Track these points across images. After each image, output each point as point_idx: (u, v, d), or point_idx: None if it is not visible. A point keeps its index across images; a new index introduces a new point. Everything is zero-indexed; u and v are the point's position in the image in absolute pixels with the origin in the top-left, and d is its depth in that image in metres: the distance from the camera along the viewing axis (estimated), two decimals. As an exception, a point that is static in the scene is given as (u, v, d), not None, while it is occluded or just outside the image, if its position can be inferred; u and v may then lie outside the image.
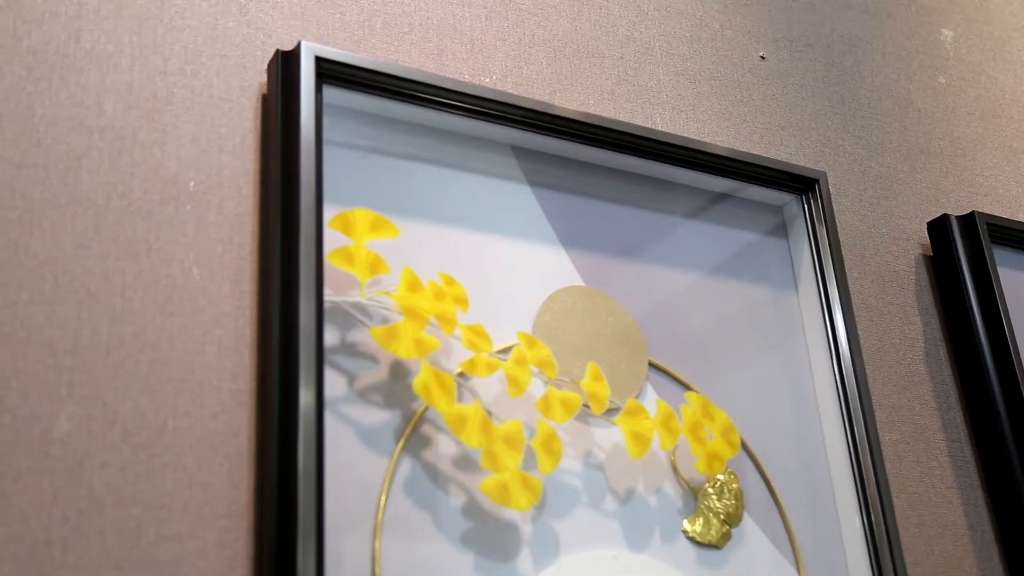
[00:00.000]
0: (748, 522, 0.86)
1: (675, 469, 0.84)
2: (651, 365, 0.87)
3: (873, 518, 0.89)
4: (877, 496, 0.89)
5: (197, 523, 0.65)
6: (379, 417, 0.74)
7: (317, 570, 0.64)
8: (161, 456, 0.65)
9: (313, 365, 0.69)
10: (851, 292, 1.01)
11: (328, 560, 0.67)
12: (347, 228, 0.76)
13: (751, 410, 0.90)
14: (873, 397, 0.98)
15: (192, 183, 0.73)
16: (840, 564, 0.88)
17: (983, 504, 1.00)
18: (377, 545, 0.70)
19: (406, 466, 0.74)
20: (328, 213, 0.75)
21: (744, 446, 0.89)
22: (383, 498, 0.72)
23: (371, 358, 0.75)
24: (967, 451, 1.01)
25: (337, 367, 0.74)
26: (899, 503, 0.95)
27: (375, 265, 0.76)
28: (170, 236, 0.71)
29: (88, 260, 0.68)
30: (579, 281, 0.87)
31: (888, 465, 0.95)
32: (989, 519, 0.99)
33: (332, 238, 0.75)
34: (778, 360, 0.94)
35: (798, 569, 0.86)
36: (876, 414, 0.97)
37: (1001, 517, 0.98)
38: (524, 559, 0.75)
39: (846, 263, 1.03)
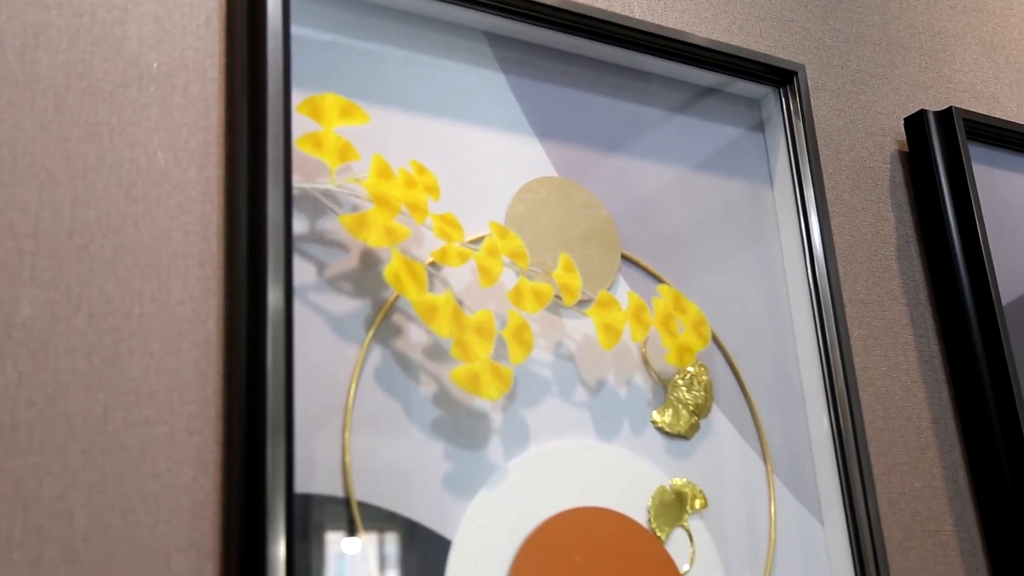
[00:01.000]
0: (717, 413, 0.87)
1: (645, 361, 0.85)
2: (624, 258, 0.87)
3: (840, 411, 0.90)
4: (844, 390, 0.90)
5: (165, 409, 0.65)
6: (349, 306, 0.73)
7: (287, 459, 0.64)
8: (127, 342, 0.65)
9: (282, 252, 0.68)
10: (826, 187, 1.00)
11: (298, 450, 0.67)
12: (316, 113, 0.74)
13: (723, 304, 0.90)
14: (844, 292, 0.98)
15: (155, 64, 0.71)
16: (806, 455, 0.89)
17: (947, 398, 1.01)
18: (347, 436, 0.70)
19: (376, 355, 0.73)
20: (296, 99, 0.73)
21: (715, 339, 0.89)
22: (353, 387, 0.72)
23: (341, 246, 0.74)
24: (934, 346, 1.02)
25: (306, 255, 0.73)
26: (865, 396, 0.96)
27: (345, 151, 0.74)
28: (133, 119, 0.69)
29: (48, 142, 0.66)
30: (553, 172, 0.86)
31: (856, 359, 0.96)
32: (952, 412, 1.01)
33: (301, 124, 0.73)
34: (751, 255, 0.94)
35: (765, 460, 0.87)
36: (846, 309, 0.97)
37: (964, 411, 1.00)
38: (494, 448, 0.76)
39: (822, 158, 1.02)
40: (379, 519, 0.70)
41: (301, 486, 0.67)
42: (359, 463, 0.70)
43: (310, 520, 0.67)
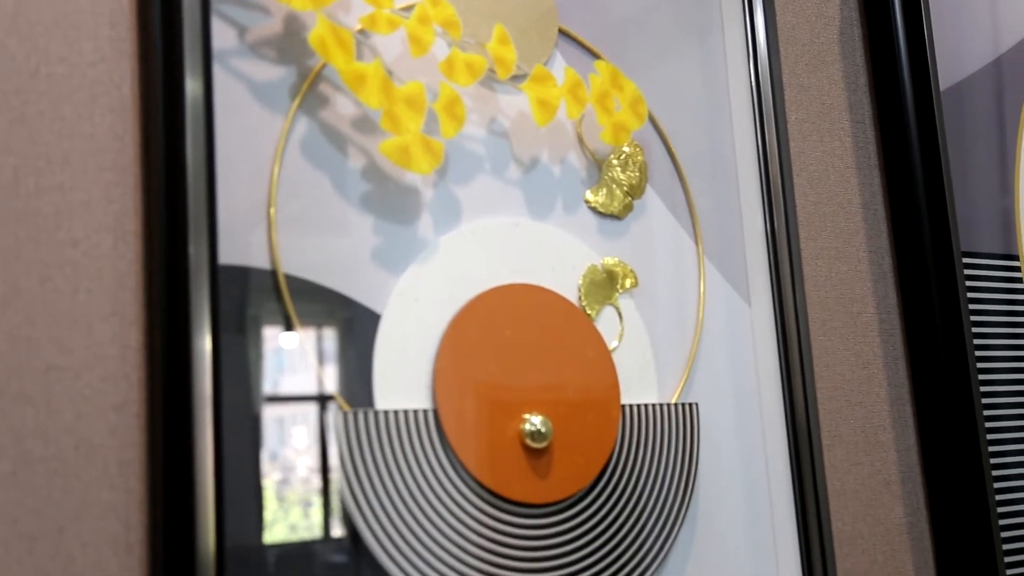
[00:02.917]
0: (650, 194, 0.86)
1: (580, 139, 0.83)
2: (561, 32, 0.84)
3: (773, 194, 0.90)
4: (779, 174, 0.90)
5: (80, 175, 0.62)
6: (272, 73, 0.70)
7: (209, 229, 0.63)
8: (35, 103, 0.61)
9: (199, 13, 0.64)
10: (771, -35, 0.97)
11: (222, 222, 0.65)
12: None
13: (662, 85, 0.88)
14: (784, 76, 0.96)
15: None
16: (737, 237, 0.90)
17: (878, 184, 1.02)
18: (272, 211, 0.68)
19: (302, 126, 0.71)
20: None
21: (652, 120, 0.87)
22: (278, 158, 0.69)
23: (263, 9, 0.70)
24: (870, 132, 1.02)
25: (225, 17, 0.69)
26: (799, 181, 0.96)
27: (265, -95, 0.69)
28: None
29: None
30: (488, -62, 0.81)
31: (792, 144, 0.96)
32: (882, 198, 1.02)
33: None
34: (692, 36, 0.91)
35: (696, 241, 0.88)
36: (785, 93, 0.96)
37: (894, 196, 1.01)
38: (425, 223, 0.75)
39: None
40: (306, 292, 0.69)
41: (226, 258, 0.66)
42: (286, 236, 0.69)
43: (235, 291, 0.66)
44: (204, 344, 0.61)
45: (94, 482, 0.59)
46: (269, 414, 0.66)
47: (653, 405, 0.81)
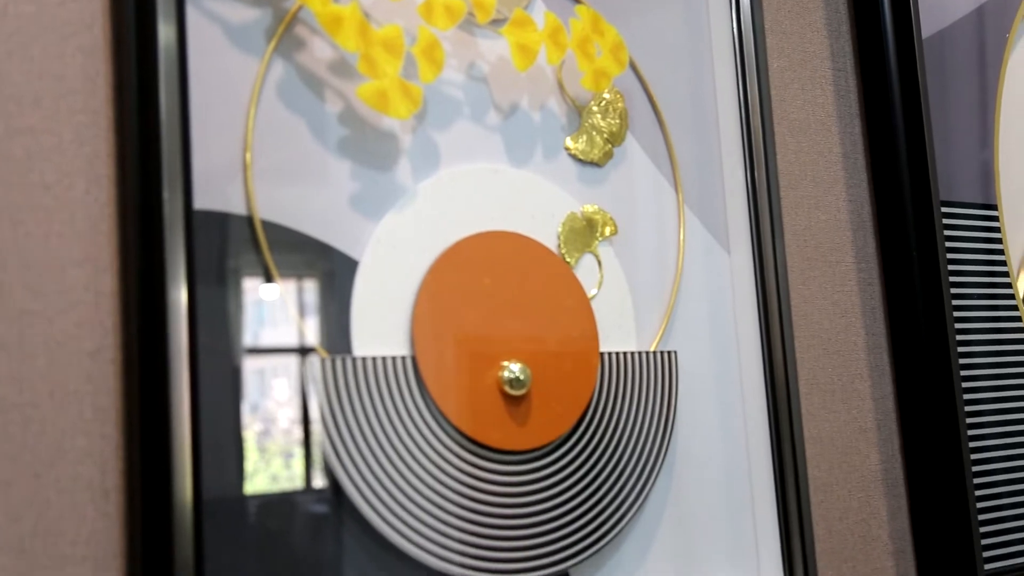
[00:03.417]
0: (631, 142, 0.86)
1: (560, 85, 0.82)
2: (541, -24, 0.83)
3: (753, 142, 0.89)
4: (760, 122, 0.89)
5: (51, 117, 0.61)
6: (247, 15, 0.69)
7: (184, 173, 0.62)
8: (4, 44, 0.60)
9: (171, -48, 0.63)
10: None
11: (197, 167, 0.64)
12: None
13: (643, 31, 0.87)
14: (766, 22, 0.96)
15: None
16: (717, 185, 0.89)
17: (859, 132, 1.01)
18: (248, 156, 0.67)
19: (278, 69, 0.70)
20: None
21: (633, 66, 0.87)
22: (254, 103, 0.68)
23: (237, -51, 0.69)
24: (851, 80, 1.02)
25: (199, -43, 0.67)
26: (779, 129, 0.95)
27: None
28: None
29: None
30: None
31: (773, 92, 0.95)
32: (863, 147, 1.01)
33: None
34: (673, -22, 0.90)
35: (676, 189, 0.87)
36: (767, 40, 0.95)
37: (875, 146, 1.01)
38: (403, 169, 0.74)
39: None
40: (283, 237, 0.68)
41: (201, 203, 0.65)
42: (262, 181, 0.68)
43: (211, 236, 0.65)
44: (180, 291, 0.61)
45: (69, 428, 0.59)
46: (250, 366, 0.66)
47: (632, 353, 0.81)
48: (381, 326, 0.71)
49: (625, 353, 0.81)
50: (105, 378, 0.60)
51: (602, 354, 0.80)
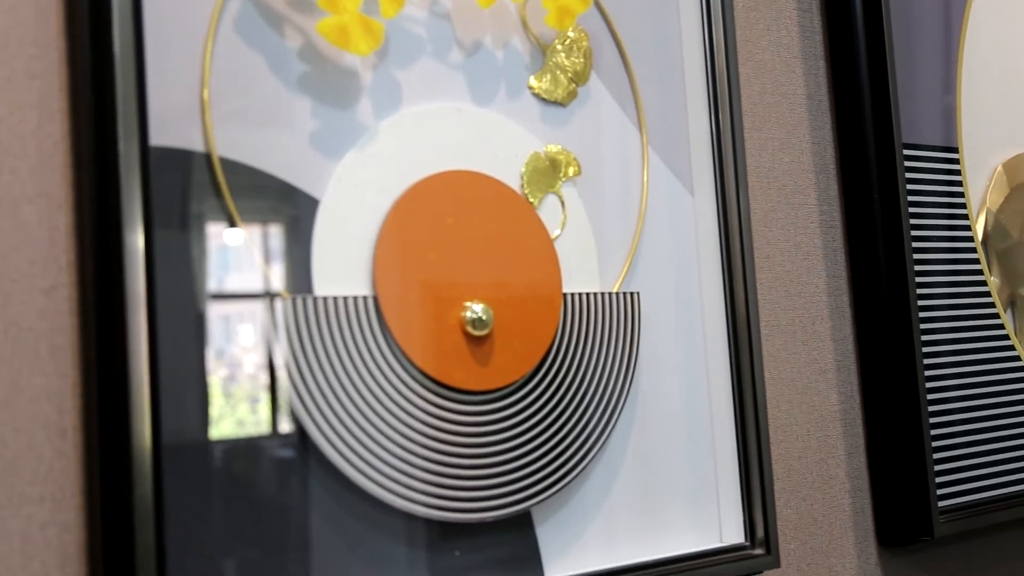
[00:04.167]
0: (595, 82, 0.85)
1: (524, 23, 0.81)
2: (505, -89, 0.81)
3: (718, 84, 0.89)
4: (725, 62, 0.89)
5: (1, 50, 0.59)
6: (203, -54, 0.67)
7: (139, 108, 0.61)
8: (-50, -28, 0.58)
9: None
10: None
11: (151, 101, 0.63)
12: None
13: (607, -33, 0.86)
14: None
15: None
16: (681, 126, 0.89)
17: (823, 74, 1.01)
18: (206, 94, 0.66)
19: (236, 2, 0.68)
20: None
21: (597, 5, 0.86)
22: (211, 37, 0.67)
23: None
24: (816, 21, 1.01)
25: None
26: (744, 71, 0.95)
27: None
28: None
29: None
30: None
31: (739, 32, 0.95)
32: (827, 89, 1.01)
33: None
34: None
35: (641, 130, 0.87)
36: (733, -20, 0.95)
37: (839, 88, 1.01)
38: (364, 107, 0.73)
39: None
40: (242, 175, 0.67)
41: (158, 140, 0.63)
42: (220, 119, 0.67)
43: (168, 174, 0.64)
44: (136, 229, 0.60)
45: (25, 366, 0.58)
46: (214, 312, 0.65)
47: (595, 294, 0.81)
48: (342, 266, 0.70)
49: (588, 294, 0.81)
50: (60, 316, 0.59)
51: (565, 295, 0.80)
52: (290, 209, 0.69)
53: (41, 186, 0.60)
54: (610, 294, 0.82)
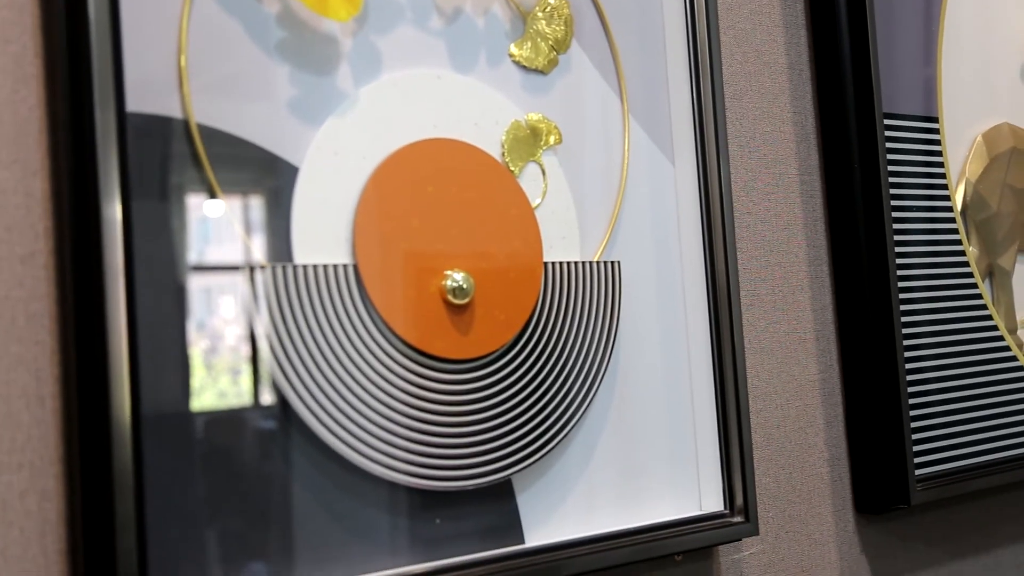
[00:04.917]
0: (576, 50, 0.85)
1: (505, -10, 0.81)
2: None
3: (699, 53, 0.88)
4: (706, 31, 0.88)
5: (-27, 13, 0.58)
6: (179, -91, 0.66)
7: (115, 73, 0.60)
8: (-80, -67, 0.57)
9: None
10: None
11: (127, 67, 0.62)
12: None
13: (588, -67, 0.86)
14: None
15: None
16: (662, 94, 0.89)
17: (805, 44, 1.01)
18: (183, 60, 0.65)
19: (213, -33, 0.67)
20: None
21: (578, -28, 0.85)
22: (188, 2, 0.66)
23: None
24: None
25: None
26: (726, 39, 0.95)
27: None
28: None
29: None
30: None
31: (720, 7, 0.94)
32: (808, 59, 1.01)
33: None
34: None
35: (622, 98, 0.87)
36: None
37: (820, 58, 1.00)
38: (344, 74, 0.72)
39: None
40: (220, 142, 0.67)
41: (135, 106, 0.63)
42: (197, 84, 0.66)
43: (144, 140, 0.64)
44: (113, 196, 0.59)
45: (2, 334, 0.57)
46: (196, 283, 0.65)
47: (575, 263, 0.81)
48: (323, 235, 0.70)
49: (569, 263, 0.81)
50: (38, 283, 0.59)
51: (546, 264, 0.80)
52: (270, 177, 0.69)
53: (16, 152, 0.59)
54: (591, 263, 0.82)
